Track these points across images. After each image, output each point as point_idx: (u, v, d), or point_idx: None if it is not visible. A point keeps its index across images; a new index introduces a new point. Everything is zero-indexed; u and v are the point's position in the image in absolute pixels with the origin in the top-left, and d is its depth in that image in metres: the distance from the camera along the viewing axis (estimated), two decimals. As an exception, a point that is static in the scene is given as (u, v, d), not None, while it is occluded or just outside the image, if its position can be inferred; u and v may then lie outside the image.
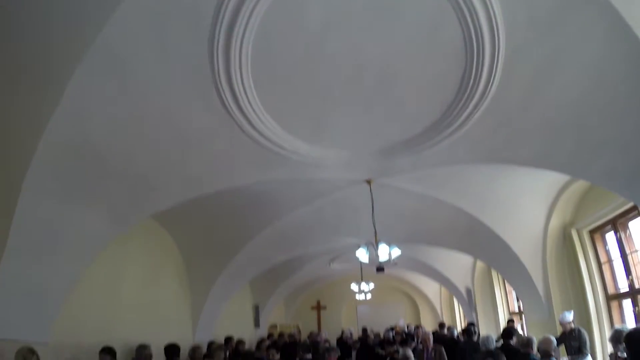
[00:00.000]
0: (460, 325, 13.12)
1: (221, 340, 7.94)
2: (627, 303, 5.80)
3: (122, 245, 5.53)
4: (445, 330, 9.64)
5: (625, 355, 3.67)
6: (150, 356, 5.23)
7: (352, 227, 7.74)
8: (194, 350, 6.64)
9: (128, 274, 5.85)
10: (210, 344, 7.14)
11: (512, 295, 9.70)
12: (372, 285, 12.14)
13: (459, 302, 12.47)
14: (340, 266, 12.12)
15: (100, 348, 4.53)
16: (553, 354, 4.47)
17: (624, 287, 5.83)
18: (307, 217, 6.82)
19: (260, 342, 9.51)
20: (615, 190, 4.43)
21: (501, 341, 6.49)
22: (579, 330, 5.51)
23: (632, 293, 5.55)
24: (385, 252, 5.60)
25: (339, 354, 7.89)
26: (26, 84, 3.06)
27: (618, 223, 5.70)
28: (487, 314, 10.52)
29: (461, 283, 11.20)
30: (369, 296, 13.10)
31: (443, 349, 7.32)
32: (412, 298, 17.10)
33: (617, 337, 4.02)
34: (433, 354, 7.31)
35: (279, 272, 10.93)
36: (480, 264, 10.41)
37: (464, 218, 6.64)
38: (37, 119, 3.20)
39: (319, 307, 16.91)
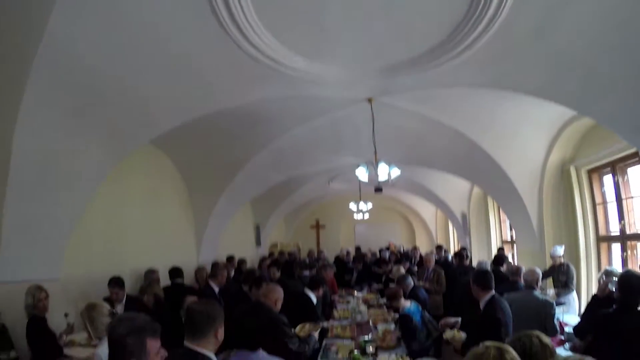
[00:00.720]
0: (453, 248, 13.66)
1: (224, 260, 8.27)
2: (616, 247, 5.90)
3: (123, 173, 5.55)
4: (443, 253, 10.02)
5: (613, 289, 3.81)
6: (158, 280, 5.50)
7: (351, 147, 7.75)
8: (198, 271, 6.98)
9: (131, 201, 5.90)
10: (214, 265, 7.46)
11: (506, 224, 9.92)
12: (370, 205, 12.39)
13: (453, 226, 12.84)
14: (339, 186, 12.29)
15: (108, 279, 4.63)
16: (536, 286, 4.64)
17: (615, 230, 5.89)
18: (306, 137, 6.81)
19: (261, 261, 9.98)
20: (619, 132, 4.34)
21: (492, 267, 6.76)
22: (568, 266, 5.71)
23: (623, 238, 5.62)
24: (384, 172, 5.60)
25: (335, 270, 8.26)
26: (9, 8, 2.86)
27: (617, 167, 5.64)
28: (481, 239, 10.85)
29: (457, 207, 11.44)
30: (366, 216, 13.46)
31: (443, 272, 7.63)
32: (408, 219, 17.60)
33: (608, 272, 4.17)
34: (432, 274, 7.65)
35: (279, 192, 11.13)
36: (477, 190, 10.54)
37: (464, 142, 6.57)
38: (26, 44, 3.06)
39: (317, 226, 17.45)
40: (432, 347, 5.97)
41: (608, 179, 5.98)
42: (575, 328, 4.14)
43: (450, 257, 10.01)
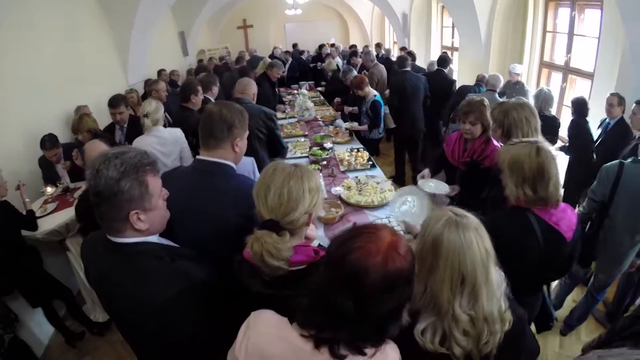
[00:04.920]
0: (391, 50, 13.40)
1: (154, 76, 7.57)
2: (557, 76, 5.99)
3: (30, 16, 4.52)
4: (383, 51, 9.77)
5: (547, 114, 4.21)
6: (89, 114, 4.90)
7: None
8: (128, 94, 6.36)
9: (43, 47, 4.78)
10: (147, 82, 6.80)
11: (448, 30, 9.69)
12: (307, -2, 11.53)
13: (392, 26, 12.30)
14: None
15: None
16: (497, 90, 4.94)
17: (559, 61, 5.93)
18: None
19: (193, 71, 9.28)
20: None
21: (435, 67, 6.80)
22: (523, 85, 5.83)
23: (566, 69, 5.70)
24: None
25: (283, 69, 7.82)
26: None
27: (578, 3, 5.38)
28: (420, 43, 10.64)
29: (398, 7, 10.76)
30: (299, 11, 12.50)
31: (384, 68, 7.59)
32: (343, 17, 16.70)
33: (540, 96, 4.42)
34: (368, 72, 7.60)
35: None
36: (421, -11, 9.89)
37: None
38: None
39: (245, 27, 16.14)
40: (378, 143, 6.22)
41: (565, 12, 5.76)
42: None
43: (392, 53, 9.87)
